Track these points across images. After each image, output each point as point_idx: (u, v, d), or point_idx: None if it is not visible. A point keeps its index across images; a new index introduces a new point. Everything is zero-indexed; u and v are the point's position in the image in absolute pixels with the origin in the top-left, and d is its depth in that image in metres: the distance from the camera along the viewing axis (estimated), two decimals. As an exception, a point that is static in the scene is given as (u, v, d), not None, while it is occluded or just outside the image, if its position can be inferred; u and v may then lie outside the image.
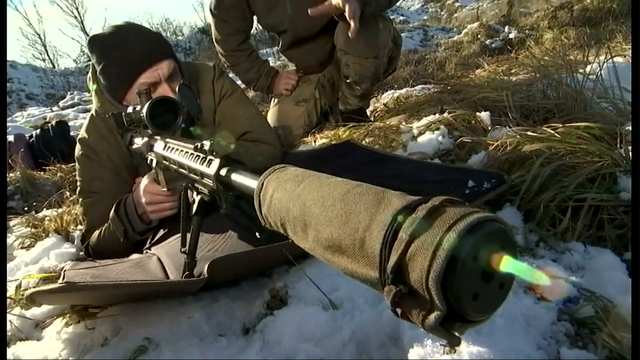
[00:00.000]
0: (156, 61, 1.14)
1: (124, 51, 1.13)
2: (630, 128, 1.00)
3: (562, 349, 0.57)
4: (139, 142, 1.03)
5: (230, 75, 1.67)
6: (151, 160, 0.98)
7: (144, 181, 1.04)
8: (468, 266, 0.27)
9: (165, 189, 0.98)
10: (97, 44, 1.17)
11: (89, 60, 1.40)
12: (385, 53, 1.71)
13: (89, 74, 1.27)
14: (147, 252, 1.07)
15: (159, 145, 0.90)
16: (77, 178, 1.29)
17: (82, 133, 1.29)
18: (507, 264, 0.28)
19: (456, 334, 0.29)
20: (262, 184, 0.45)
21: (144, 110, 0.92)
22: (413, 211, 0.30)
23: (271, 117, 2.01)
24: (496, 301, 0.30)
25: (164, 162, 0.88)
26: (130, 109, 1.01)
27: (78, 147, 1.28)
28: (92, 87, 1.27)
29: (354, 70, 1.70)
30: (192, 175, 0.71)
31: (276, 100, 2.06)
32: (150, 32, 1.22)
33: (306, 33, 1.81)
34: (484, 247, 0.28)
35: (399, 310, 0.30)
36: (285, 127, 1.95)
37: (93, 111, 1.29)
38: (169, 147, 0.83)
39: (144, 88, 1.01)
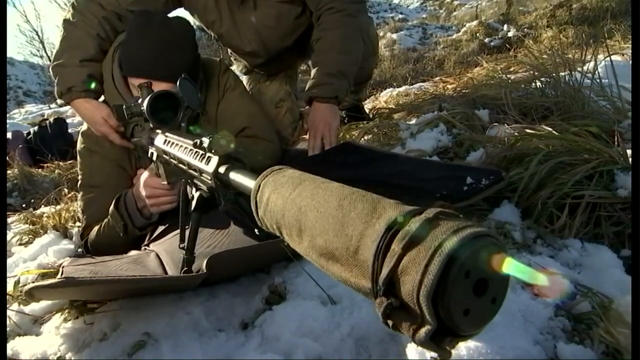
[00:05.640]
0: (154, 79, 1.07)
1: (134, 49, 1.13)
2: (629, 125, 1.01)
3: (559, 344, 0.57)
4: (140, 135, 1.03)
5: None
6: (152, 153, 0.98)
7: (145, 174, 1.05)
8: (460, 282, 0.27)
9: (165, 183, 0.98)
10: (132, 20, 1.19)
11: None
12: (377, 43, 1.71)
13: None
14: (145, 248, 1.07)
15: (159, 139, 0.90)
16: (79, 171, 1.29)
17: (85, 126, 1.29)
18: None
19: (447, 348, 0.29)
20: (259, 186, 0.45)
21: (145, 104, 0.92)
22: (407, 223, 0.30)
23: None
24: (488, 316, 0.29)
25: (164, 156, 0.88)
26: (131, 102, 1.01)
27: (80, 139, 1.29)
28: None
29: (356, 77, 1.63)
30: (191, 171, 0.71)
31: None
32: (175, 46, 1.13)
33: (279, 50, 1.72)
34: (476, 262, 0.27)
35: (390, 322, 0.30)
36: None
37: None
38: (169, 141, 0.83)
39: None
